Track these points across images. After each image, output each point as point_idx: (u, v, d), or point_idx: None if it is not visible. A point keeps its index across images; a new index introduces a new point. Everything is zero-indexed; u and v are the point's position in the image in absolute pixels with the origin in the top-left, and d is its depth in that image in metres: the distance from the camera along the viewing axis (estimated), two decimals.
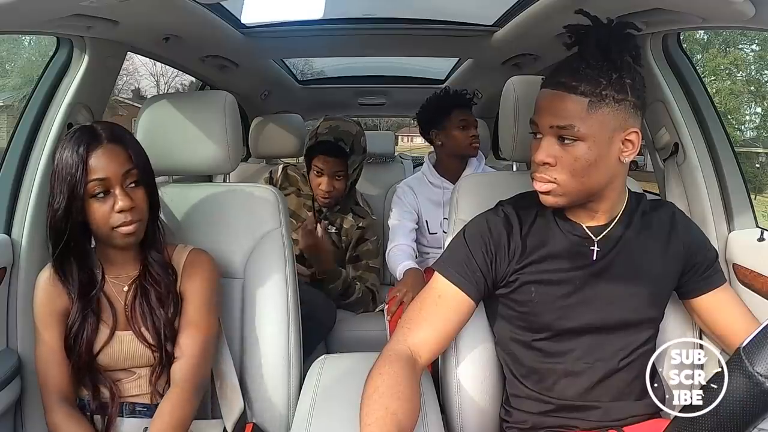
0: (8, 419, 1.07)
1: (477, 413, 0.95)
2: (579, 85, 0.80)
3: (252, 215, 1.15)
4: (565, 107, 0.81)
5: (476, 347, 0.96)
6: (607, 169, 0.83)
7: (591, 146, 0.81)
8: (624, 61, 0.82)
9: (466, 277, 0.88)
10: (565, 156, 0.82)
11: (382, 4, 1.79)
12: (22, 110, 1.22)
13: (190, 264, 1.00)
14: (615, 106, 0.80)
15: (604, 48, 0.82)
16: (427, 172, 1.86)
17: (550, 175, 0.84)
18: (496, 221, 0.91)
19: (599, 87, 0.80)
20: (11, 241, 1.13)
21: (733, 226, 1.19)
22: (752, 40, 11.59)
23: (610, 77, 0.80)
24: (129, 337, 0.94)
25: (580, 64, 0.82)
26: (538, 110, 0.86)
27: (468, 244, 0.91)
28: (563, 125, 0.81)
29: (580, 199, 0.86)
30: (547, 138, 0.84)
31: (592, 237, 0.89)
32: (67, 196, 0.87)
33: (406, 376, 0.79)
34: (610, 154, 0.82)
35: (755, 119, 12.55)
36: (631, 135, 0.82)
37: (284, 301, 1.08)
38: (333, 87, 2.79)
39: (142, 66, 14.07)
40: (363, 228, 1.81)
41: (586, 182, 0.84)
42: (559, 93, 0.82)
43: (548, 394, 0.89)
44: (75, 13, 0.98)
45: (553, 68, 0.87)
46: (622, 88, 0.80)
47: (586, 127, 0.80)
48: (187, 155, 1.17)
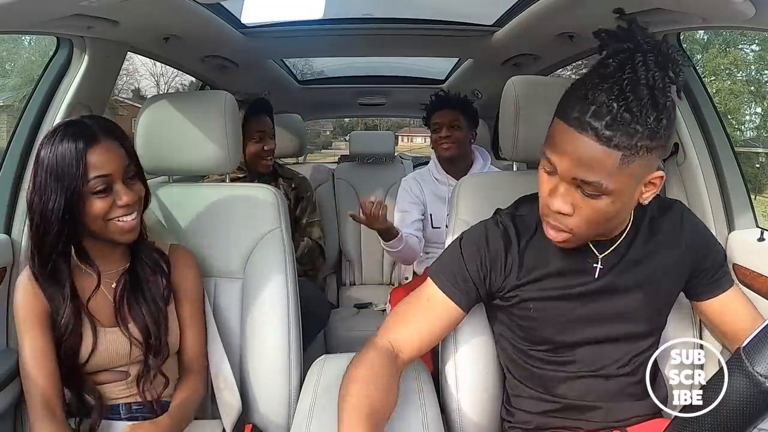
0: (8, 419, 1.06)
1: (477, 413, 0.94)
2: (613, 136, 0.67)
3: (252, 215, 1.15)
4: (593, 160, 0.69)
5: (476, 347, 0.96)
6: (626, 213, 0.78)
7: (615, 200, 0.72)
8: (670, 100, 0.68)
9: (456, 287, 0.86)
10: (584, 207, 0.73)
11: (382, 4, 1.79)
12: (22, 110, 1.23)
13: (176, 260, 1.02)
14: (647, 155, 0.69)
15: (648, 83, 0.66)
16: (433, 168, 1.86)
17: (565, 224, 0.76)
18: (495, 234, 0.87)
19: (635, 138, 0.67)
20: (11, 241, 1.13)
21: (733, 226, 1.19)
22: (752, 40, 11.58)
23: (647, 122, 0.67)
24: (116, 334, 0.93)
25: (617, 104, 0.67)
26: (556, 150, 0.72)
27: (463, 253, 0.88)
28: (587, 180, 0.70)
29: (592, 240, 0.83)
30: (565, 185, 0.74)
31: (596, 254, 0.85)
32: (65, 193, 0.85)
33: (384, 367, 0.80)
34: (632, 202, 0.75)
35: (755, 119, 12.54)
36: (656, 179, 0.74)
37: (284, 302, 1.08)
38: (333, 87, 2.79)
39: (142, 66, 14.05)
40: (296, 187, 1.83)
41: (601, 229, 0.79)
42: (586, 140, 0.68)
43: (550, 395, 0.88)
44: (75, 13, 0.98)
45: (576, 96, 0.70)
46: (657, 133, 0.68)
47: (613, 183, 0.70)
48: (187, 155, 1.17)
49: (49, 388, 0.88)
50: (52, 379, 0.88)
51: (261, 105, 1.73)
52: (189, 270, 1.03)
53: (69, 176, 0.85)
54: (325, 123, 18.13)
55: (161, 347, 0.94)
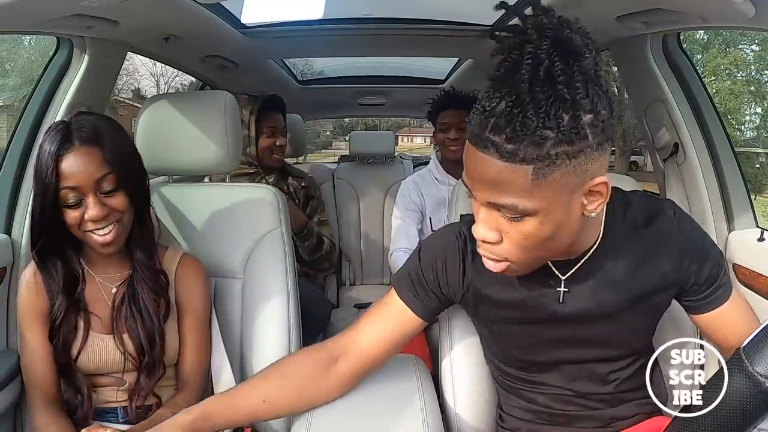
0: (8, 419, 1.06)
1: (473, 416, 0.94)
2: (517, 149, 0.57)
3: (252, 215, 1.15)
4: (501, 180, 0.60)
5: (471, 351, 0.95)
6: (568, 232, 0.66)
7: (543, 220, 0.62)
8: (580, 90, 0.57)
9: (414, 295, 0.81)
10: (511, 231, 0.64)
11: (382, 4, 1.79)
12: (22, 110, 1.23)
13: (185, 272, 0.98)
14: (571, 162, 0.59)
15: (547, 77, 0.56)
16: (434, 168, 1.85)
17: (497, 254, 0.67)
18: (453, 245, 0.81)
19: (546, 145, 0.57)
20: (11, 241, 1.13)
21: (733, 226, 1.19)
22: (752, 40, 11.59)
23: (560, 124, 0.57)
24: (108, 341, 0.91)
25: (513, 109, 0.57)
26: (467, 173, 0.65)
27: (421, 262, 0.82)
28: (500, 203, 0.62)
29: (542, 262, 0.73)
30: (485, 209, 0.65)
31: (559, 276, 0.75)
32: (41, 199, 0.83)
33: (304, 369, 0.81)
34: (570, 218, 0.64)
35: (755, 119, 12.55)
36: (598, 186, 0.62)
37: (285, 302, 1.08)
38: (333, 87, 2.79)
39: (142, 66, 14.08)
40: (306, 186, 1.83)
41: (545, 253, 0.68)
42: (489, 159, 0.59)
43: (536, 405, 0.86)
44: (75, 13, 0.98)
45: (476, 110, 0.62)
46: (578, 133, 0.58)
47: (532, 202, 0.60)
48: (187, 155, 1.17)
49: (48, 382, 0.90)
50: (51, 374, 0.90)
51: (274, 101, 1.75)
52: (197, 285, 0.99)
53: (45, 181, 0.82)
54: (325, 123, 18.15)
55: (154, 365, 0.91)
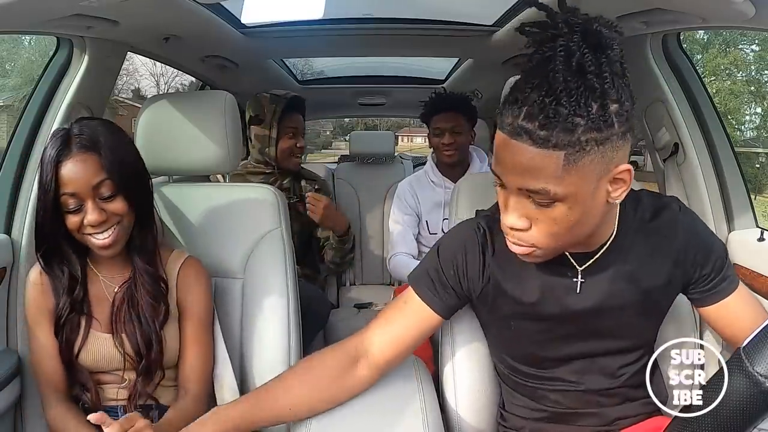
0: (8, 419, 1.07)
1: (474, 415, 0.94)
2: (550, 135, 0.61)
3: (252, 215, 1.15)
4: (534, 166, 0.63)
5: (473, 351, 0.95)
6: (594, 218, 0.69)
7: (572, 206, 0.65)
8: (608, 80, 0.61)
9: (434, 293, 0.83)
10: (540, 218, 0.67)
11: (382, 4, 1.79)
12: (22, 110, 1.23)
13: (187, 275, 0.99)
14: (599, 149, 0.62)
15: (578, 68, 0.61)
16: (429, 171, 1.84)
17: (525, 240, 0.70)
18: (473, 239, 0.83)
19: (577, 132, 0.61)
20: (11, 241, 1.13)
21: (733, 226, 1.19)
22: (752, 40, 11.60)
23: (590, 112, 0.60)
24: (107, 340, 0.93)
25: (547, 98, 0.61)
26: (498, 162, 0.68)
27: (440, 258, 0.84)
28: (532, 189, 0.65)
29: (565, 249, 0.76)
30: (515, 197, 0.68)
31: (576, 267, 0.78)
32: (43, 204, 0.86)
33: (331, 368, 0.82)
34: (596, 204, 0.67)
35: (755, 119, 12.56)
36: (622, 173, 0.66)
37: (285, 302, 1.08)
38: (333, 87, 2.79)
39: (142, 66, 14.07)
40: (320, 189, 1.84)
41: (570, 239, 0.71)
42: (522, 146, 0.63)
43: (542, 403, 0.86)
44: (75, 13, 0.98)
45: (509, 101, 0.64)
46: (606, 121, 0.61)
47: (562, 187, 0.63)
48: (187, 155, 1.17)
49: (57, 377, 0.93)
50: (60, 369, 0.93)
51: (297, 102, 1.77)
52: (199, 288, 0.99)
53: (46, 187, 0.85)
54: (325, 123, 18.14)
55: (151, 369, 0.92)
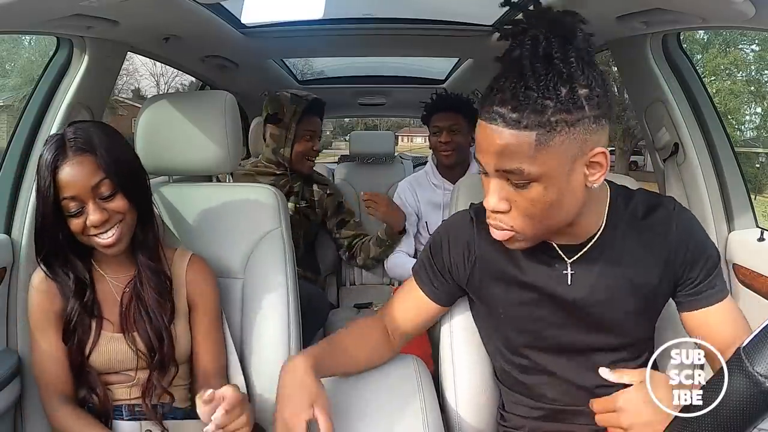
0: (8, 419, 1.07)
1: (474, 415, 0.94)
2: (520, 117, 0.65)
3: (252, 215, 1.15)
4: (507, 146, 0.67)
5: (472, 350, 0.95)
6: (573, 202, 0.72)
7: (548, 186, 0.68)
8: (574, 65, 0.65)
9: (429, 281, 0.88)
10: (518, 199, 0.70)
11: (382, 4, 1.79)
12: (22, 110, 1.23)
13: (197, 272, 1.00)
14: (570, 130, 0.66)
15: (545, 55, 0.65)
16: (430, 172, 1.84)
17: (505, 222, 0.73)
18: (463, 227, 0.86)
19: (546, 113, 0.65)
20: (11, 241, 1.13)
21: (733, 226, 1.19)
22: (752, 40, 11.60)
23: (558, 95, 0.64)
24: (119, 340, 0.93)
25: (517, 84, 0.65)
26: (478, 147, 0.72)
27: (431, 247, 0.88)
28: (508, 169, 0.68)
29: (547, 236, 0.77)
30: (494, 180, 0.71)
31: (566, 258, 0.80)
32: (42, 210, 0.86)
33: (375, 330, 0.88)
34: (573, 187, 0.70)
35: (755, 119, 12.57)
36: (597, 156, 0.68)
37: (285, 301, 1.08)
38: (333, 87, 2.79)
39: (142, 66, 14.10)
40: (332, 194, 1.85)
41: (549, 223, 0.73)
42: (497, 129, 0.67)
43: (539, 402, 0.86)
44: (75, 13, 0.98)
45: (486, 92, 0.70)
46: (575, 104, 0.65)
47: (536, 167, 0.67)
48: (187, 155, 1.17)
49: (63, 381, 0.92)
50: (66, 374, 0.92)
51: (317, 105, 1.77)
52: (208, 284, 1.00)
53: (45, 194, 0.85)
54: (325, 123, 18.14)
55: (165, 363, 0.93)
